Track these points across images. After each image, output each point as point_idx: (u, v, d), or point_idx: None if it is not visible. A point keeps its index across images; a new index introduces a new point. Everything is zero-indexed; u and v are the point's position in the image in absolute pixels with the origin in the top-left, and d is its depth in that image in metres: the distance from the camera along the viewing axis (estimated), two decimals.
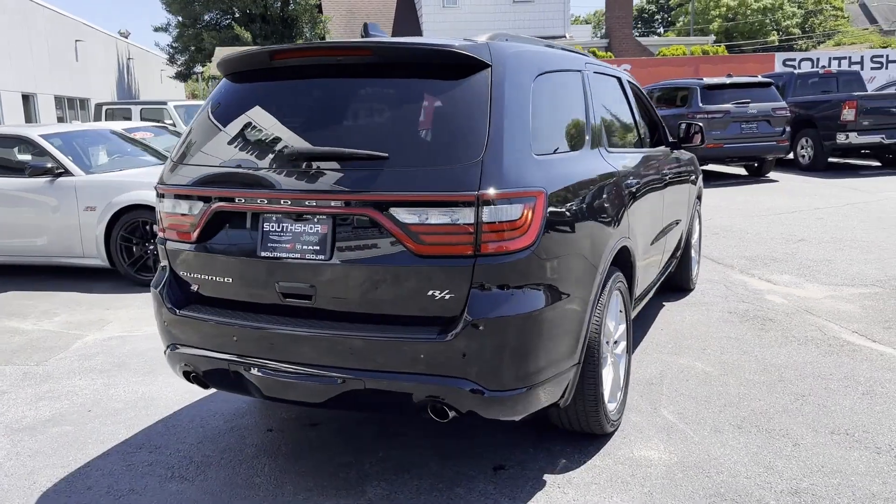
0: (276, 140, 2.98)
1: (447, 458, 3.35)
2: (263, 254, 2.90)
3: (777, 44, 52.74)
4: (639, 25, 65.60)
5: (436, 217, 2.65)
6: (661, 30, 73.24)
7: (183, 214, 3.10)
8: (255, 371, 2.94)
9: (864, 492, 2.97)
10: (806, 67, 20.32)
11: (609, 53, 25.47)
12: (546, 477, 3.17)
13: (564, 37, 30.21)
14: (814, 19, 58.95)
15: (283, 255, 2.86)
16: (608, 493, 3.03)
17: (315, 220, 2.82)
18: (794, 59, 21.68)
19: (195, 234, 3.06)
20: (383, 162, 2.72)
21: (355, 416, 3.82)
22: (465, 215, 2.62)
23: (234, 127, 3.12)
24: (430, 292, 2.70)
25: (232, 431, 3.73)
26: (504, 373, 2.70)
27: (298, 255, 2.84)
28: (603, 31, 46.14)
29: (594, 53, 24.07)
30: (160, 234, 3.27)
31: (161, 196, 3.20)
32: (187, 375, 3.22)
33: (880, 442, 3.38)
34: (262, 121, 3.06)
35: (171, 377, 4.48)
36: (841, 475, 3.10)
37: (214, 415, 3.94)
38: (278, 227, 2.88)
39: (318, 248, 2.81)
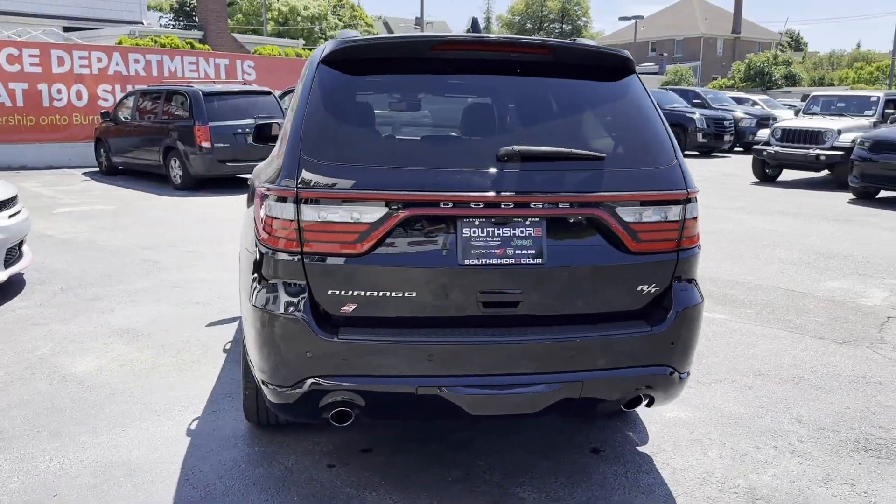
0: (464, 137, 2.72)
1: (544, 454, 3.42)
2: (467, 261, 2.65)
3: None
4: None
5: (650, 215, 2.79)
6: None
7: (345, 223, 2.60)
8: (455, 391, 2.67)
9: (836, 407, 3.97)
10: None
11: (206, 46, 24.58)
12: (641, 450, 3.49)
13: (142, 23, 28.08)
14: None
15: (493, 261, 2.66)
16: (702, 449, 3.50)
17: (527, 222, 2.69)
18: None
19: (366, 245, 2.61)
20: (598, 162, 2.75)
21: (404, 435, 3.56)
22: (675, 213, 2.83)
23: (391, 121, 2.73)
24: (638, 287, 2.83)
25: (288, 478, 3.17)
26: (689, 357, 2.97)
27: (512, 261, 2.67)
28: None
29: (191, 45, 23.10)
30: (281, 246, 2.66)
31: (296, 201, 2.61)
32: (326, 410, 2.71)
33: (788, 375, 4.47)
34: (434, 115, 2.75)
35: (98, 436, 3.51)
36: (804, 402, 4.07)
37: (236, 463, 3.27)
38: (483, 232, 2.66)
39: (532, 251, 2.69)
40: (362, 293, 2.66)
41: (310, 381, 2.67)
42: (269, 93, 13.42)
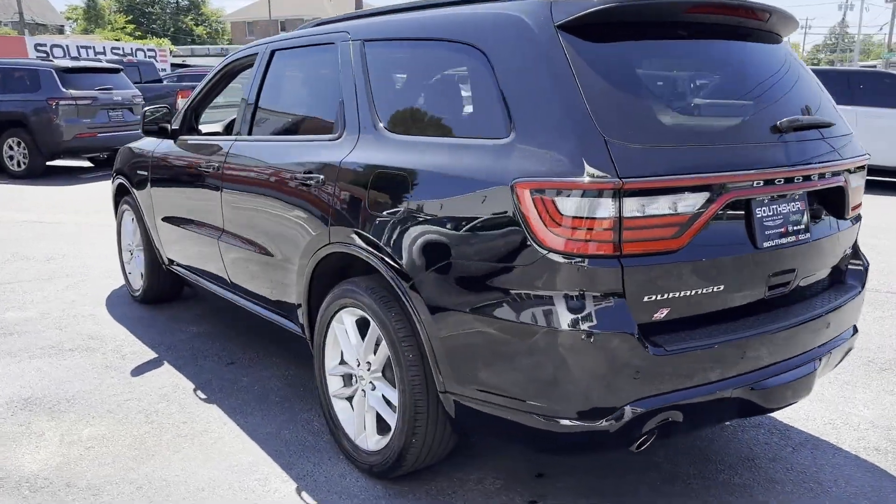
0: (735, 108, 2.48)
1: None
2: (766, 244, 2.44)
3: None
4: None
5: (857, 180, 2.87)
6: None
7: (665, 215, 2.20)
8: (762, 385, 2.45)
9: None
10: (58, 53, 19.18)
11: None
12: None
13: None
14: None
15: (782, 241, 2.49)
16: None
17: (795, 196, 2.56)
18: (45, 45, 19.97)
19: (686, 239, 2.24)
20: (832, 129, 2.73)
21: (517, 460, 3.17)
22: (861, 178, 2.94)
23: (661, 93, 2.40)
24: (844, 251, 2.90)
25: None
26: None
27: (793, 238, 2.53)
28: None
29: None
30: (580, 250, 2.15)
31: (617, 195, 2.12)
32: (643, 435, 2.31)
33: None
34: (700, 84, 2.46)
35: None
36: None
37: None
38: (770, 211, 2.47)
39: (802, 226, 2.58)
40: (676, 294, 2.29)
41: (637, 404, 2.24)
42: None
